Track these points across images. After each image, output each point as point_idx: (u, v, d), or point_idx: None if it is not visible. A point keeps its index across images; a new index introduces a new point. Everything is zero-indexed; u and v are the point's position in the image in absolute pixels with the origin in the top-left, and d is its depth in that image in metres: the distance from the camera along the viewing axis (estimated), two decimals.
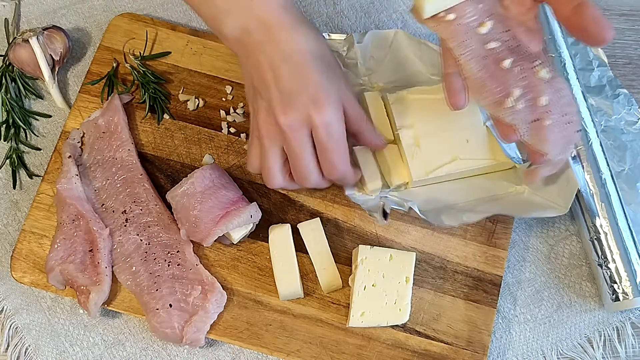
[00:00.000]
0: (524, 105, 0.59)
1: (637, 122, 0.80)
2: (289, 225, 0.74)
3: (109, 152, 0.76)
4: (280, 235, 0.73)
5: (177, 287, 0.71)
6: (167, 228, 0.73)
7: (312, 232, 0.74)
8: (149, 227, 0.73)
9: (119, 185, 0.75)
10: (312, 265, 0.73)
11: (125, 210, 0.74)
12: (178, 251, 0.73)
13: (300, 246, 0.73)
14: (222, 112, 0.79)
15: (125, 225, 0.73)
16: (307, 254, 0.74)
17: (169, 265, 0.72)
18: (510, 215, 0.74)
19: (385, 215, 0.69)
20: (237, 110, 0.79)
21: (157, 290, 0.71)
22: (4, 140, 0.80)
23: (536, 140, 0.60)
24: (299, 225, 0.74)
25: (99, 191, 0.75)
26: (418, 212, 0.69)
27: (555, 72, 0.61)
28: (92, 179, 0.76)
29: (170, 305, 0.70)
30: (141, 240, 0.73)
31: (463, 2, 0.59)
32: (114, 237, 0.73)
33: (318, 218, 0.74)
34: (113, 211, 0.74)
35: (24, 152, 0.80)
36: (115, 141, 0.76)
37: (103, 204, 0.75)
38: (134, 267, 0.72)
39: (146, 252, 0.72)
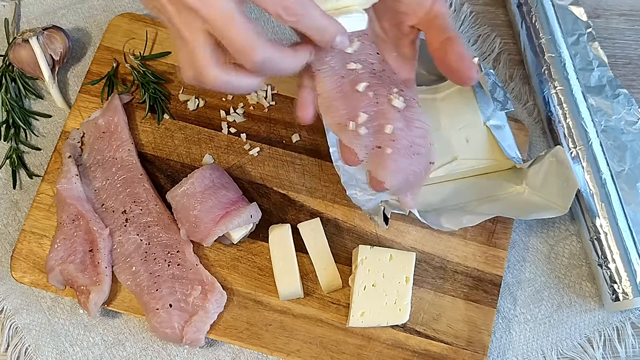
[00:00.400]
0: (368, 131, 0.57)
1: (637, 122, 0.80)
2: (289, 225, 0.74)
3: (109, 152, 0.76)
4: (280, 235, 0.73)
5: (177, 287, 0.71)
6: (167, 228, 0.73)
7: (312, 232, 0.74)
8: (149, 227, 0.73)
9: (119, 185, 0.75)
10: (312, 265, 0.73)
11: (125, 210, 0.74)
12: (178, 251, 0.73)
13: (300, 246, 0.73)
14: (222, 112, 0.79)
15: (125, 225, 0.73)
16: (307, 254, 0.73)
17: (169, 265, 0.72)
18: (510, 217, 0.74)
19: (386, 220, 0.69)
20: (237, 110, 0.79)
21: (157, 290, 0.71)
22: (4, 140, 0.80)
23: (374, 168, 0.58)
24: (299, 225, 0.74)
25: (99, 191, 0.75)
26: (418, 216, 0.69)
27: (415, 102, 0.58)
28: (92, 179, 0.76)
29: (170, 305, 0.70)
30: (141, 240, 0.73)
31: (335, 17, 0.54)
32: (114, 237, 0.73)
33: (318, 218, 0.74)
34: (113, 211, 0.74)
35: (24, 152, 0.80)
36: (115, 141, 0.76)
37: (103, 204, 0.75)
38: (134, 267, 0.72)
39: (146, 252, 0.72)
